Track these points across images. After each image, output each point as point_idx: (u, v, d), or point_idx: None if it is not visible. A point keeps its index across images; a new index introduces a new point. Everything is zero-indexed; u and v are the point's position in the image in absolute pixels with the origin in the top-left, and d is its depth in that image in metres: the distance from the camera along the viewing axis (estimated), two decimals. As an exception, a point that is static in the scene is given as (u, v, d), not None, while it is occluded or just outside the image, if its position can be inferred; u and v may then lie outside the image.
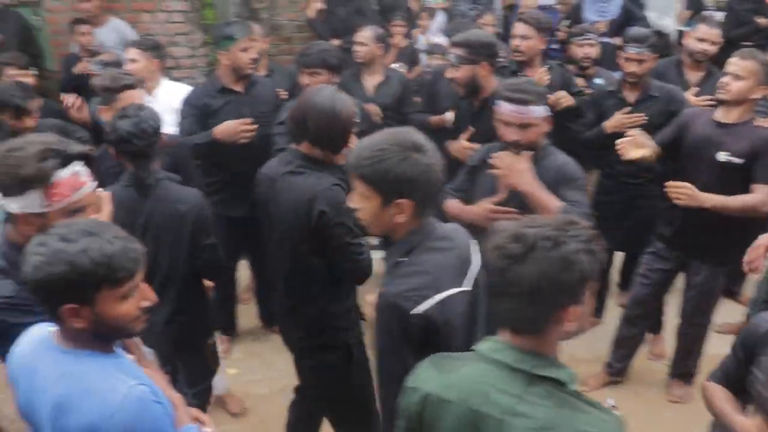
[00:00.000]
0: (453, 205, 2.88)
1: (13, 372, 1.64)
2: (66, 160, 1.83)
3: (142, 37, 4.90)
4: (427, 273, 1.81)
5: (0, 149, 1.85)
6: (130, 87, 3.19)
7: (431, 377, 1.51)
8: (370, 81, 4.36)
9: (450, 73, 3.52)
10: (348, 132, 2.56)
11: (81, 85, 4.78)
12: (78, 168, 1.87)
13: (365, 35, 4.34)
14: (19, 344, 1.66)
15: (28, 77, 4.26)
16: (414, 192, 1.81)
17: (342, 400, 2.76)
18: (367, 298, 2.06)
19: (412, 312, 1.74)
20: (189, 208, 2.73)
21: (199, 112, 3.69)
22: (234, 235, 3.78)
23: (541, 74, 3.80)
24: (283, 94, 4.12)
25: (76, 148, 1.89)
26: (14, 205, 1.82)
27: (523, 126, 2.65)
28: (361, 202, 1.87)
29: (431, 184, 1.84)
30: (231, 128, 3.58)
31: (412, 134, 1.87)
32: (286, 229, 2.53)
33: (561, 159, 2.76)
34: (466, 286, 1.88)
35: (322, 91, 2.57)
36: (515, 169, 2.61)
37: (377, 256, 4.95)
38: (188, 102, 3.74)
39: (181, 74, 5.58)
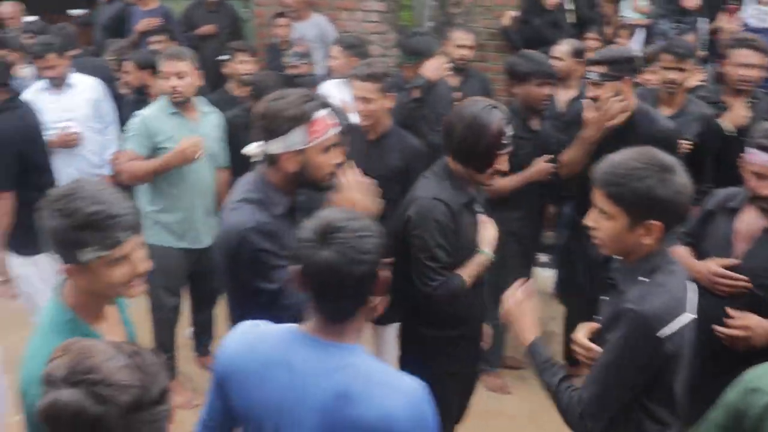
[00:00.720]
0: (680, 252, 2.55)
1: (244, 369, 1.56)
2: (320, 104, 2.11)
3: (343, 35, 5.11)
4: (671, 294, 1.76)
5: (262, 103, 2.12)
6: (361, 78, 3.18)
7: None
8: (564, 95, 4.27)
9: (591, 92, 3.24)
10: (494, 152, 2.37)
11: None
12: (327, 111, 2.12)
13: (562, 50, 4.27)
14: (231, 346, 1.60)
15: (253, 64, 4.62)
16: (666, 214, 1.74)
17: None
18: (578, 337, 1.93)
19: (661, 332, 1.70)
20: None
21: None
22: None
23: None
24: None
25: (322, 99, 2.17)
26: (277, 145, 2.07)
27: None
28: (602, 221, 1.80)
29: (682, 206, 1.76)
30: (436, 62, 3.80)
31: (661, 153, 1.79)
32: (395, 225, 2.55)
33: None
34: (692, 314, 1.80)
35: (476, 104, 2.42)
36: (761, 332, 2.27)
37: (546, 274, 4.90)
38: None
39: (373, 72, 5.72)
